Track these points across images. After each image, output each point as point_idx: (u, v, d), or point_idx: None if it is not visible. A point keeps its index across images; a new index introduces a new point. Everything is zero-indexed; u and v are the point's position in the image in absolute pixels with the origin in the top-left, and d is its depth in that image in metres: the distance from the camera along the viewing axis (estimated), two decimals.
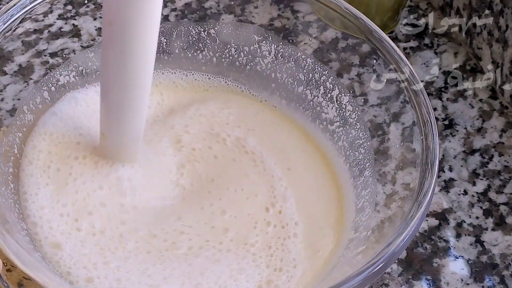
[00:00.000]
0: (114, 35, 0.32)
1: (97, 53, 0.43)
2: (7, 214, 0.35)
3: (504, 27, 0.47)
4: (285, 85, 0.44)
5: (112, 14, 0.31)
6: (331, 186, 0.41)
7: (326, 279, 0.36)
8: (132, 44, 0.32)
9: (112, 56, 0.33)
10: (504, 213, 0.44)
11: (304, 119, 0.44)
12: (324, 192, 0.41)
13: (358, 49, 0.42)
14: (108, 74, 0.34)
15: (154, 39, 0.33)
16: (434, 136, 0.36)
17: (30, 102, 0.41)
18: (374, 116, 0.41)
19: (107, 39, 0.33)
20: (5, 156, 0.38)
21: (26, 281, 0.33)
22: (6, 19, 0.38)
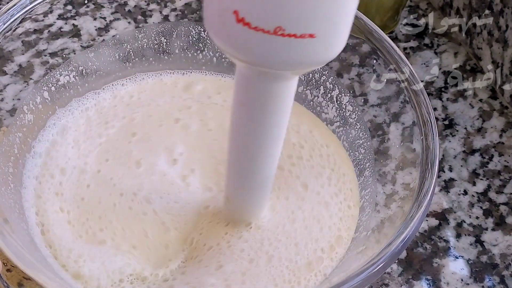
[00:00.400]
0: (246, 116, 0.30)
1: (97, 53, 0.43)
2: (7, 214, 0.35)
3: (504, 27, 0.47)
4: None
5: (246, 98, 0.29)
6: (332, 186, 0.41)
7: (326, 279, 0.36)
8: (264, 126, 0.30)
9: (242, 134, 0.32)
10: (504, 213, 0.44)
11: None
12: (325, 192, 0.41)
13: (358, 49, 0.42)
14: (237, 148, 0.33)
15: (285, 122, 0.31)
16: (434, 136, 0.36)
17: (30, 102, 0.41)
18: (374, 116, 0.41)
19: (238, 118, 0.31)
20: (5, 156, 0.38)
21: (26, 281, 0.33)
22: (6, 19, 0.38)
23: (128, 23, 0.46)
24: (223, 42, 0.25)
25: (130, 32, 0.45)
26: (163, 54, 0.45)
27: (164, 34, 0.45)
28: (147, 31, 0.45)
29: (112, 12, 0.47)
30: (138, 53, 0.45)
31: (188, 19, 0.46)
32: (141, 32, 0.44)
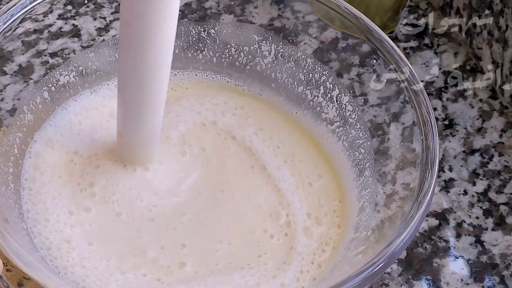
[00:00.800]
0: (132, 36, 0.32)
1: (97, 53, 0.43)
2: (7, 214, 0.35)
3: (504, 27, 0.47)
4: (285, 85, 0.44)
5: (130, 16, 0.31)
6: (332, 186, 0.41)
7: (326, 279, 0.36)
8: (150, 45, 0.32)
9: (129, 56, 0.33)
10: (504, 213, 0.44)
11: (304, 119, 0.44)
12: (325, 192, 0.41)
13: (358, 49, 0.42)
14: (126, 73, 0.35)
15: (171, 40, 0.33)
16: (434, 136, 0.36)
17: (30, 102, 0.41)
18: (374, 116, 0.41)
19: (125, 40, 0.33)
20: (5, 156, 0.38)
21: (26, 281, 0.33)
22: (6, 19, 0.38)
23: None
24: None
25: None
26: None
27: None
28: None
29: (112, 12, 0.47)
30: None
31: (188, 19, 0.46)
32: None
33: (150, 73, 0.34)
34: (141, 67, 0.33)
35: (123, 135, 0.38)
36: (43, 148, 0.39)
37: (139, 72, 0.34)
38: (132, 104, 0.36)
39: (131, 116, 0.36)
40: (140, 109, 0.36)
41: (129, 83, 0.35)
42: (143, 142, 0.38)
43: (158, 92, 0.35)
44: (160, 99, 0.35)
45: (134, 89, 0.35)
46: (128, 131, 0.37)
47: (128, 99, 0.36)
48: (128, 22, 0.32)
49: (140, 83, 0.34)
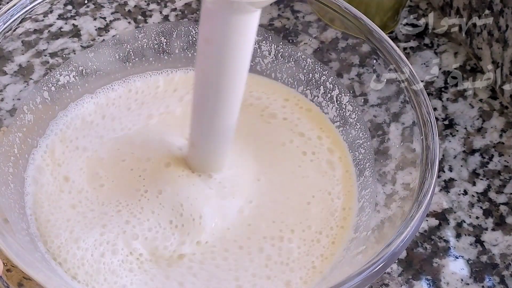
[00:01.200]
0: (211, 53, 0.32)
1: (97, 53, 0.43)
2: (7, 214, 0.35)
3: (504, 27, 0.47)
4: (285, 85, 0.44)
5: (210, 33, 0.31)
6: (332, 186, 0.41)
7: (326, 279, 0.36)
8: (228, 61, 0.32)
9: (207, 71, 0.33)
10: (504, 213, 0.44)
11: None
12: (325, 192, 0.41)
13: (358, 49, 0.42)
14: (202, 87, 0.34)
15: (248, 56, 0.33)
16: (434, 136, 0.36)
17: (30, 102, 0.41)
18: (374, 116, 0.41)
19: (203, 55, 0.33)
20: (5, 156, 0.38)
21: (26, 281, 0.33)
22: (6, 19, 0.38)
23: (128, 23, 0.46)
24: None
25: (130, 32, 0.45)
26: (163, 54, 0.45)
27: (164, 34, 0.45)
28: (147, 31, 0.45)
29: (112, 12, 0.47)
30: (138, 53, 0.45)
31: (188, 19, 0.46)
32: (141, 32, 0.44)
33: (226, 87, 0.34)
34: (218, 82, 0.33)
35: (196, 146, 0.38)
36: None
37: (216, 86, 0.34)
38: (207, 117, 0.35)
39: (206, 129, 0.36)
40: (215, 122, 0.35)
41: (206, 97, 0.35)
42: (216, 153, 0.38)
43: (233, 105, 0.35)
44: (235, 111, 0.35)
45: (210, 102, 0.35)
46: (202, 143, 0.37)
47: (203, 113, 0.35)
48: (207, 38, 0.32)
49: (216, 98, 0.34)
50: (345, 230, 0.39)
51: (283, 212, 0.39)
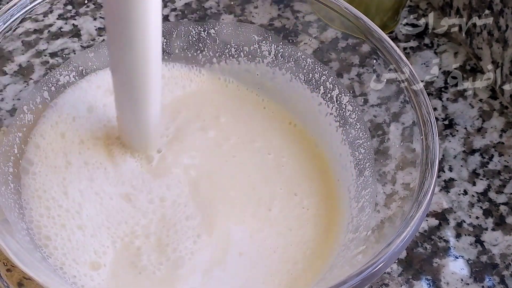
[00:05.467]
0: (117, 33, 0.33)
1: (97, 53, 0.43)
2: (7, 214, 0.35)
3: (504, 27, 0.47)
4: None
5: (112, 16, 0.32)
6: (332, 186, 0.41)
7: (326, 279, 0.36)
8: (137, 40, 0.33)
9: (117, 52, 0.34)
10: (504, 213, 0.44)
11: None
12: (325, 192, 0.41)
13: (358, 49, 0.42)
14: (116, 67, 0.35)
15: (156, 34, 0.33)
16: (434, 136, 0.36)
17: (30, 102, 0.41)
18: (374, 116, 0.41)
19: (110, 36, 0.33)
20: (5, 156, 0.38)
21: (26, 281, 0.33)
22: (6, 19, 0.38)
23: None
24: None
25: None
26: (163, 54, 0.45)
27: (164, 34, 0.45)
28: None
29: None
30: None
31: (188, 19, 0.46)
32: None
33: (138, 66, 0.34)
34: (129, 61, 0.34)
35: (120, 119, 0.39)
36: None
37: (128, 67, 0.34)
38: (126, 95, 0.36)
39: (126, 99, 0.37)
40: (134, 100, 0.36)
41: (121, 77, 0.35)
42: (140, 128, 0.38)
43: (149, 83, 0.35)
44: (153, 88, 0.36)
45: (126, 81, 0.35)
46: (124, 115, 0.38)
47: (122, 91, 0.36)
48: (111, 22, 0.32)
49: (130, 77, 0.35)
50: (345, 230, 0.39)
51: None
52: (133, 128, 0.38)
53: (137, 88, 0.35)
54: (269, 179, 0.41)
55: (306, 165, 0.42)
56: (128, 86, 0.35)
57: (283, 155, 0.42)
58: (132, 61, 0.34)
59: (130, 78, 0.35)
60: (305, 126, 0.44)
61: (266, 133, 0.43)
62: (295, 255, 0.38)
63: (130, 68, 0.34)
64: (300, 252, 0.38)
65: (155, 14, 0.32)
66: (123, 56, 0.34)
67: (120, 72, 0.35)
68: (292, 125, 0.44)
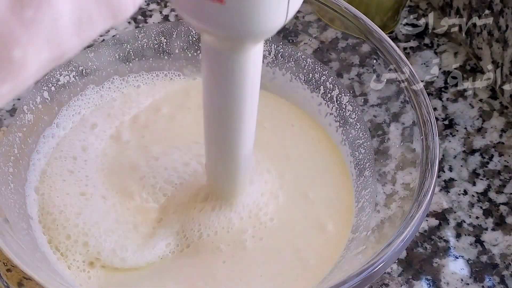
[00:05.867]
0: (216, 90, 0.32)
1: (97, 53, 0.43)
2: (7, 214, 0.35)
3: (504, 27, 0.47)
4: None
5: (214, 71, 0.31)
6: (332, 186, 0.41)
7: (326, 279, 0.36)
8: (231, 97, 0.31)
9: (216, 111, 0.33)
10: (504, 213, 0.44)
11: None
12: (324, 192, 0.41)
13: (358, 49, 0.42)
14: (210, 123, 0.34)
15: (256, 89, 0.32)
16: (434, 136, 0.36)
17: (30, 102, 0.41)
18: (374, 116, 0.41)
19: (209, 93, 0.32)
20: (5, 156, 0.38)
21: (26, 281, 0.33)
22: None
23: (128, 23, 0.46)
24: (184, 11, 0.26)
25: (130, 32, 0.45)
26: (163, 54, 0.45)
27: (164, 34, 0.45)
28: (147, 31, 0.45)
29: None
30: (138, 53, 0.45)
31: None
32: (141, 32, 0.44)
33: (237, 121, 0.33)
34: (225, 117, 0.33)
35: (210, 177, 0.38)
36: None
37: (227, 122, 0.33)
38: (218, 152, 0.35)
39: (217, 163, 0.36)
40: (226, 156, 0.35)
41: (218, 133, 0.34)
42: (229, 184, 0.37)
43: (247, 136, 0.34)
44: (249, 142, 0.35)
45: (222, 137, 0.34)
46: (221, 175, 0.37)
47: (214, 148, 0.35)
48: (212, 75, 0.31)
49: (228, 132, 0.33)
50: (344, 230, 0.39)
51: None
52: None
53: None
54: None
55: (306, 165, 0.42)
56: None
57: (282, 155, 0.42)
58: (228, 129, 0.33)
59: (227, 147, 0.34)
60: (305, 126, 0.44)
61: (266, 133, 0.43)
62: (296, 254, 0.38)
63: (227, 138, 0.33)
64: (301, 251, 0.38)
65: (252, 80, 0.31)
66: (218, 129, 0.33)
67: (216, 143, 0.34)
68: (291, 125, 0.44)
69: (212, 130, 0.34)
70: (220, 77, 0.30)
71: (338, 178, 0.41)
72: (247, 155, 0.35)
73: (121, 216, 0.38)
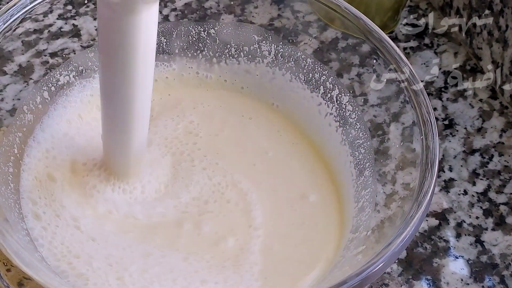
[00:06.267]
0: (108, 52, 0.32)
1: (97, 53, 0.43)
2: (7, 214, 0.35)
3: (504, 27, 0.47)
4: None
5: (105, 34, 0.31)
6: (331, 186, 0.41)
7: (326, 279, 0.36)
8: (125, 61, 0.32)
9: (109, 77, 0.33)
10: (504, 213, 0.44)
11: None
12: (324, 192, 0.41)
13: (358, 49, 0.42)
14: (107, 92, 0.34)
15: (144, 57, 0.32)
16: (434, 136, 0.36)
17: (30, 102, 0.41)
18: (374, 116, 0.41)
19: (102, 55, 0.33)
20: (5, 156, 0.38)
21: (26, 281, 0.33)
22: (6, 19, 0.38)
23: None
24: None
25: None
26: (163, 54, 0.45)
27: (164, 34, 0.45)
28: None
29: None
30: None
31: (188, 19, 0.46)
32: None
33: (131, 92, 0.33)
34: (122, 87, 0.33)
35: (106, 148, 0.38)
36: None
37: (121, 93, 0.33)
38: (115, 120, 0.35)
39: (116, 132, 0.36)
40: (124, 126, 0.35)
41: (112, 102, 0.34)
42: (127, 157, 0.37)
43: (140, 109, 0.34)
44: (143, 116, 0.35)
45: (117, 107, 0.34)
46: (112, 144, 0.37)
47: (111, 116, 0.35)
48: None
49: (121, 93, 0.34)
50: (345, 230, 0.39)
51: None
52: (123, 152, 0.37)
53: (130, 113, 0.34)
54: (267, 179, 0.41)
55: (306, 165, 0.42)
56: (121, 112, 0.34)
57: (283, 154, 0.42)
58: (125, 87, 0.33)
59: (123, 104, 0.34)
60: (305, 126, 0.44)
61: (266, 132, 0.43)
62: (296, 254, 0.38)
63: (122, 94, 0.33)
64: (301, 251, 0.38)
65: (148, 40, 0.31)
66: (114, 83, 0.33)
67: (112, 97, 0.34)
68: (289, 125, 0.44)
69: (106, 97, 0.34)
70: (113, 39, 0.30)
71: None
72: (141, 128, 0.35)
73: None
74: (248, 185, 0.40)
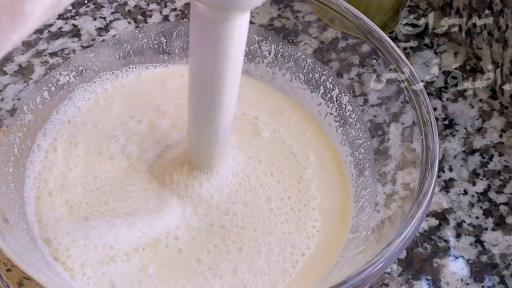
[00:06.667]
0: (204, 58, 0.32)
1: (97, 53, 0.43)
2: (7, 214, 0.35)
3: (504, 27, 0.47)
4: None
5: (202, 39, 0.32)
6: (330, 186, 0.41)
7: (326, 279, 0.36)
8: (221, 66, 0.32)
9: (201, 76, 0.33)
10: (504, 213, 0.44)
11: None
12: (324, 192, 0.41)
13: (358, 49, 0.42)
14: (197, 89, 0.34)
15: (240, 58, 0.33)
16: (434, 136, 0.36)
17: (30, 102, 0.41)
18: (374, 116, 0.41)
19: (196, 60, 0.33)
20: (5, 156, 0.38)
21: (26, 281, 0.33)
22: None
23: (128, 23, 0.46)
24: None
25: (130, 32, 0.45)
26: (163, 54, 0.45)
27: (164, 34, 0.45)
28: (147, 31, 0.45)
29: (112, 12, 0.47)
30: (138, 53, 0.45)
31: (188, 19, 0.46)
32: (141, 32, 0.44)
33: (221, 89, 0.33)
34: (212, 84, 0.33)
35: (194, 145, 0.38)
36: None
37: (211, 89, 0.34)
38: (203, 118, 0.36)
39: (200, 130, 0.37)
40: (208, 123, 0.36)
41: (201, 100, 0.35)
42: (212, 147, 0.38)
43: (228, 105, 0.35)
44: (231, 111, 0.35)
45: (205, 104, 0.35)
46: (201, 142, 0.37)
47: (199, 114, 0.36)
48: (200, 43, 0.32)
49: (211, 99, 0.34)
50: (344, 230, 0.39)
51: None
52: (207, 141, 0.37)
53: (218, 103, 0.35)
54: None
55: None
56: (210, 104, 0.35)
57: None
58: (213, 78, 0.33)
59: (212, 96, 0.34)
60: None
61: None
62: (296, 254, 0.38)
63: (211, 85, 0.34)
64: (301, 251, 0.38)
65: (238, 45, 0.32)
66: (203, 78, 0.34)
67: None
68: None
69: (194, 96, 0.35)
70: (206, 45, 0.31)
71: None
72: (226, 125, 0.36)
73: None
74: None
